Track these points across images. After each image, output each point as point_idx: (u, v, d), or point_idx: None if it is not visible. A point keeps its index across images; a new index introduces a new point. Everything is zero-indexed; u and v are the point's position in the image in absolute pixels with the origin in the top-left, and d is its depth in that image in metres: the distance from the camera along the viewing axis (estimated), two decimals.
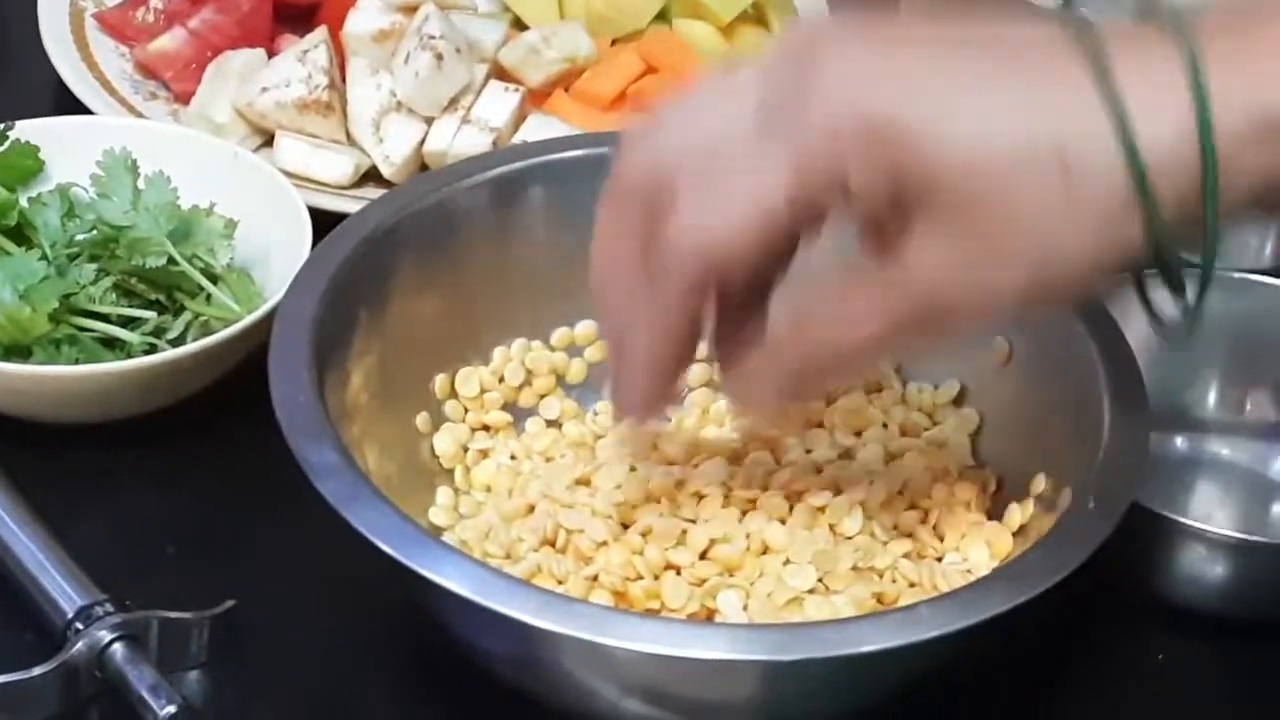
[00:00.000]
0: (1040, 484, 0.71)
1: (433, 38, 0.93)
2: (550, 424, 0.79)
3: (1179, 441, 0.81)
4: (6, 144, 0.84)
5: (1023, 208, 0.56)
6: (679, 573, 0.68)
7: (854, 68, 0.57)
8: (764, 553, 0.69)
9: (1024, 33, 0.58)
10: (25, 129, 0.85)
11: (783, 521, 0.71)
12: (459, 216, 0.77)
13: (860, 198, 0.57)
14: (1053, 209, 0.56)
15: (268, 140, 0.94)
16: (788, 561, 0.69)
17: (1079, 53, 0.56)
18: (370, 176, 0.94)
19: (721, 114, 0.59)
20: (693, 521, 0.70)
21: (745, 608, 0.67)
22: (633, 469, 0.72)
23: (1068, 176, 0.55)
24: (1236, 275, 0.80)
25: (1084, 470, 0.67)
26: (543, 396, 0.79)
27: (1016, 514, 0.71)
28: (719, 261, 0.59)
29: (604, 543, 0.69)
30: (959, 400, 0.77)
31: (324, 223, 0.81)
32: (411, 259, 0.75)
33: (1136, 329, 0.70)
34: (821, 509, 0.71)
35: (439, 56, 0.93)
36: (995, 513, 0.73)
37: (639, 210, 0.60)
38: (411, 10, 0.96)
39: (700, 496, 0.71)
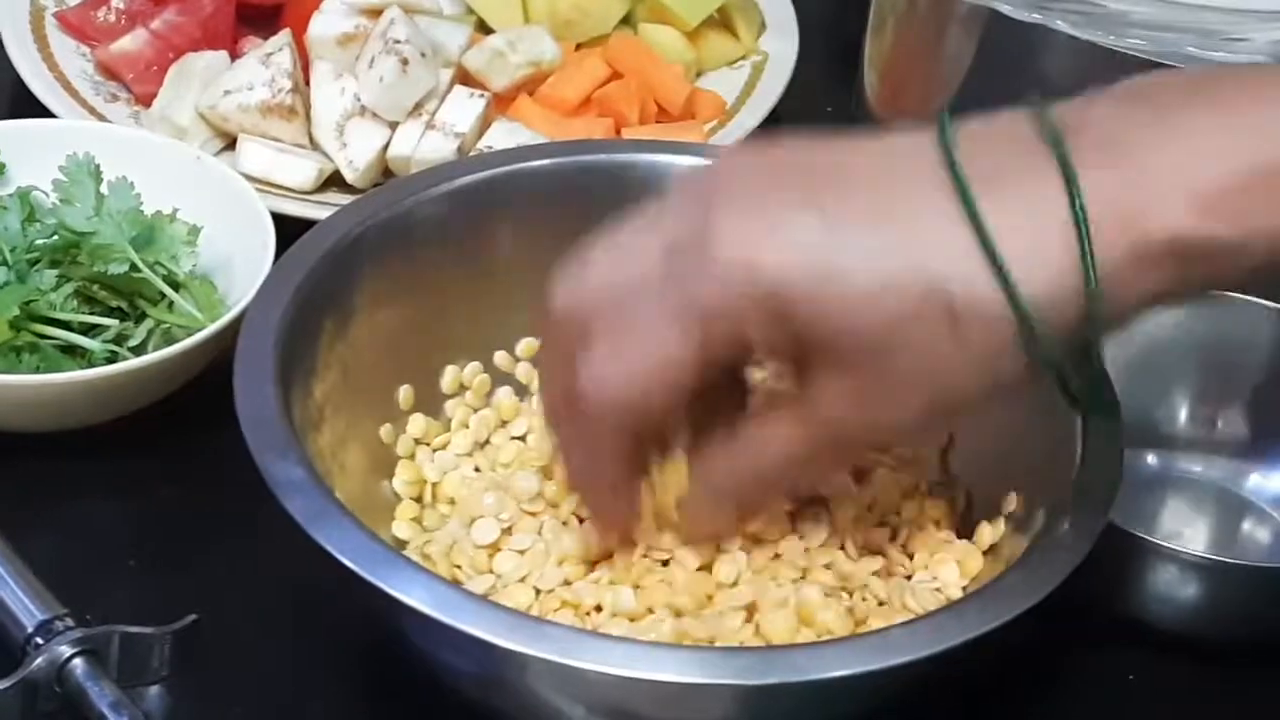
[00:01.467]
0: (1012, 502, 0.70)
1: (398, 42, 0.92)
2: (516, 437, 0.78)
3: (1150, 458, 0.80)
4: None
5: (913, 355, 0.58)
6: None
7: (739, 225, 0.59)
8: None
9: (894, 150, 0.60)
10: None
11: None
12: (425, 225, 0.76)
13: (761, 352, 0.61)
14: (942, 352, 0.58)
15: (230, 144, 0.93)
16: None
17: (947, 180, 0.58)
18: (333, 181, 0.93)
19: (637, 256, 0.61)
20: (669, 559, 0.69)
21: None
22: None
23: (954, 322, 0.57)
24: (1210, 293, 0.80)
25: (1057, 489, 0.66)
26: (507, 411, 0.78)
27: (987, 533, 0.70)
28: (627, 409, 0.62)
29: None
30: None
31: (287, 228, 0.80)
32: (377, 268, 0.74)
33: (1116, 339, 0.70)
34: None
35: (404, 61, 0.92)
36: (965, 531, 0.72)
37: (564, 346, 0.63)
38: (376, 14, 0.95)
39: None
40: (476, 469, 0.76)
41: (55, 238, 0.80)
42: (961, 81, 0.88)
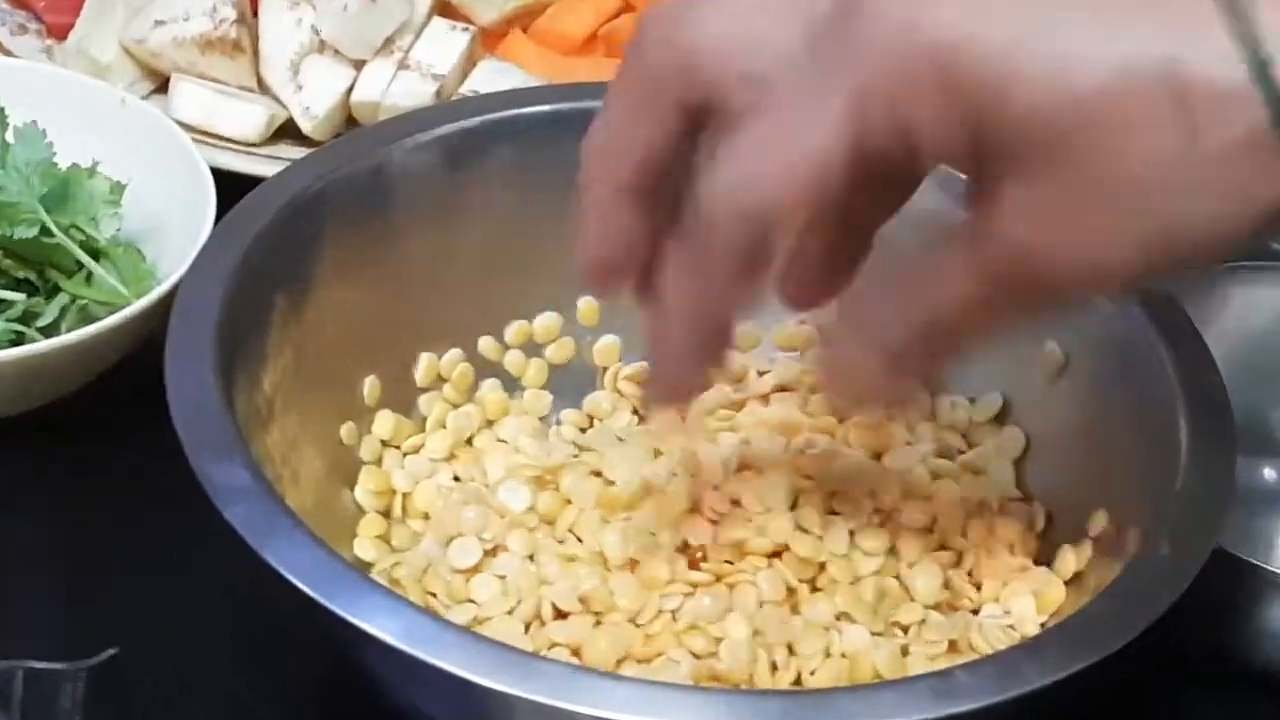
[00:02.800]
0: (1100, 522, 0.71)
1: None
2: (502, 440, 0.79)
3: (1267, 472, 0.81)
4: None
5: (1126, 155, 0.53)
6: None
7: None
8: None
9: None
10: None
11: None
12: (397, 184, 0.78)
13: (931, 152, 0.56)
14: (1165, 157, 0.53)
15: (161, 85, 0.95)
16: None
17: None
18: (286, 132, 0.94)
19: (768, 16, 0.58)
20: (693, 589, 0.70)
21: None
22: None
23: (1186, 111, 0.52)
24: None
25: (1154, 507, 0.67)
26: (493, 409, 0.80)
27: (1070, 558, 0.71)
28: (760, 220, 0.57)
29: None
30: (1001, 418, 0.78)
31: (230, 186, 0.81)
32: (339, 234, 0.76)
33: (1220, 332, 0.71)
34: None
35: None
36: (1044, 556, 0.73)
37: (668, 97, 0.60)
38: None
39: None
40: (455, 478, 0.77)
41: None
42: None
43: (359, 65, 0.94)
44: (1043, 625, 0.70)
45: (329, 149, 0.81)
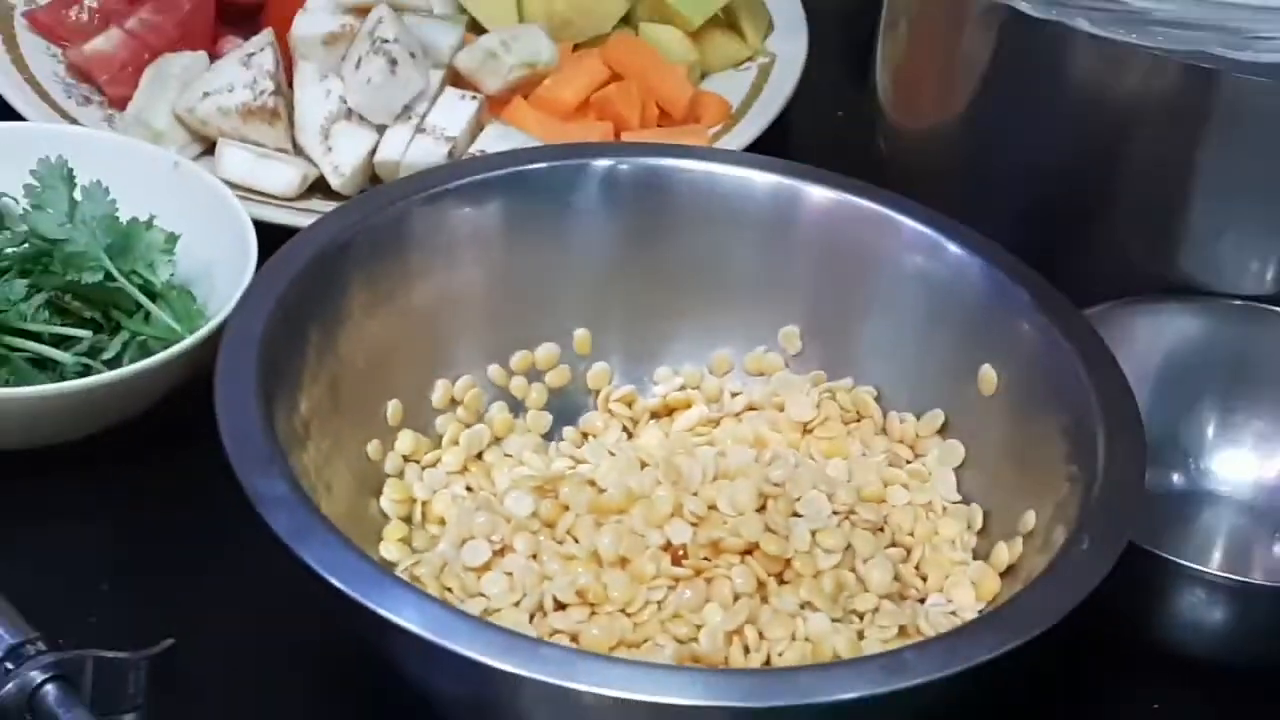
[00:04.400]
0: (1029, 521, 0.71)
1: (386, 41, 0.94)
2: (509, 455, 0.79)
3: (1173, 476, 0.82)
4: None
5: None
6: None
7: None
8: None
9: None
10: None
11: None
12: (415, 232, 0.78)
13: None
14: None
15: (208, 148, 0.95)
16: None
17: None
18: (317, 188, 0.94)
19: None
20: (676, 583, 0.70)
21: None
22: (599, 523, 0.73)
23: None
24: (1237, 302, 0.81)
25: (1077, 508, 0.67)
26: (500, 427, 0.80)
27: (1004, 553, 0.72)
28: None
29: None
30: (943, 431, 0.78)
31: (269, 236, 0.82)
32: (364, 277, 0.76)
33: (1132, 356, 0.71)
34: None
35: (393, 61, 0.93)
36: (982, 551, 0.73)
37: None
38: (363, 12, 0.96)
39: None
40: (468, 488, 0.77)
41: (26, 246, 0.81)
42: (978, 82, 0.89)
43: (381, 129, 0.94)
44: (981, 612, 0.71)
45: (355, 203, 0.81)
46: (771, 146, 0.98)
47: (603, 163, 0.80)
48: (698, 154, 0.83)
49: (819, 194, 0.79)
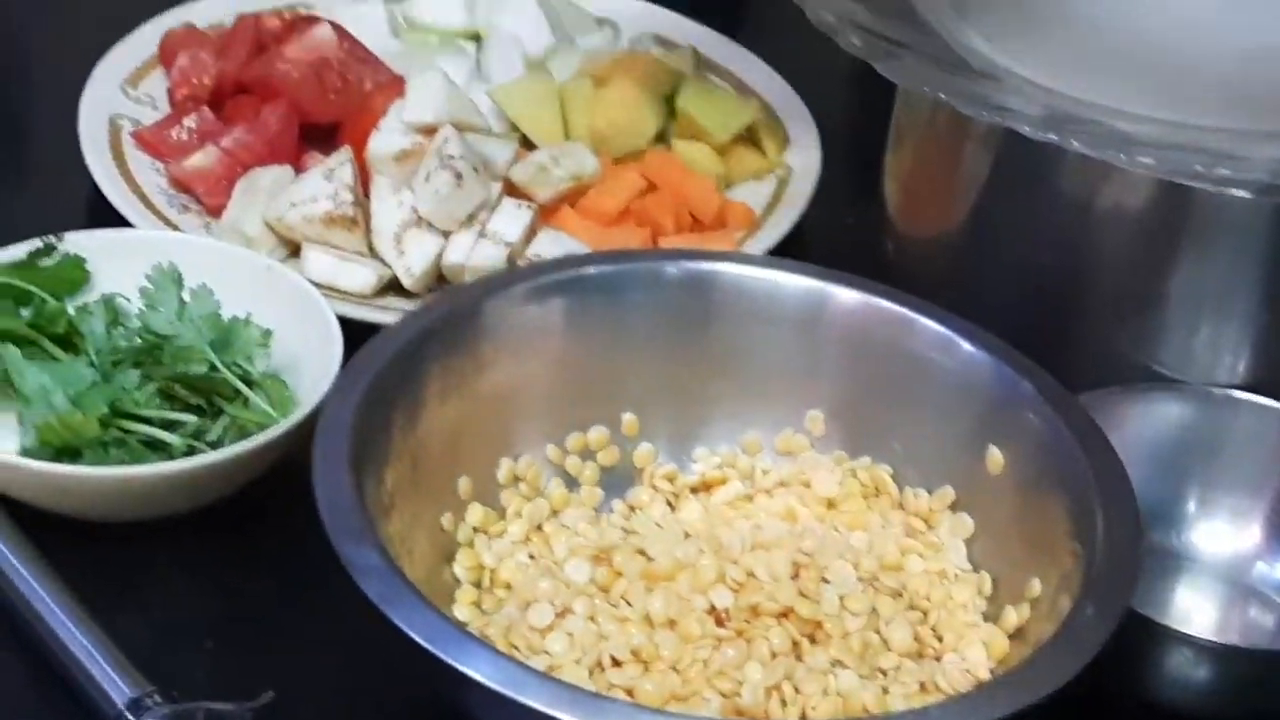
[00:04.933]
0: (1035, 588, 0.72)
1: (452, 158, 0.94)
2: (566, 526, 0.79)
3: (1161, 544, 0.82)
4: (57, 256, 0.84)
5: None
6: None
7: None
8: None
9: None
10: (72, 241, 0.86)
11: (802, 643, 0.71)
12: (486, 328, 0.78)
13: None
14: None
15: (294, 251, 0.95)
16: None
17: None
18: (391, 287, 0.94)
19: None
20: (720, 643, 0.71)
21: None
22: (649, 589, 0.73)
23: None
24: (1216, 390, 0.82)
25: (1080, 578, 0.67)
26: (558, 501, 0.80)
27: (1013, 616, 0.72)
28: None
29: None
30: (955, 506, 0.78)
31: (349, 329, 0.83)
32: (440, 368, 0.76)
33: (1124, 439, 0.72)
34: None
35: (458, 175, 0.94)
36: (992, 615, 0.73)
37: None
38: (430, 132, 0.97)
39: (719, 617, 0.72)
40: (530, 555, 0.77)
41: (139, 340, 0.82)
42: (978, 195, 0.90)
43: (447, 235, 0.95)
44: (992, 670, 0.71)
45: (433, 302, 0.81)
46: (790, 249, 0.99)
47: (653, 266, 0.81)
48: (737, 259, 0.84)
49: (845, 295, 0.79)
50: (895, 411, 0.80)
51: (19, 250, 0.84)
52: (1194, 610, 0.79)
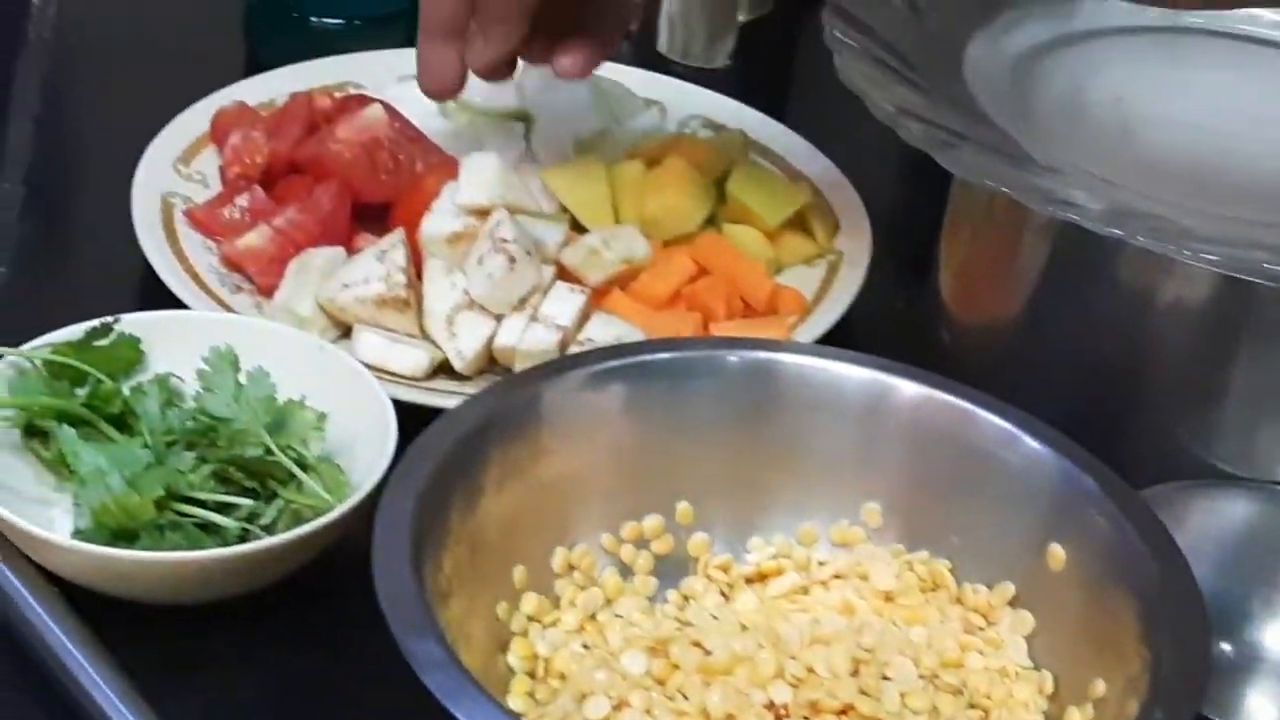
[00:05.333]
0: (1099, 689, 0.72)
1: (505, 241, 0.95)
2: (620, 616, 0.80)
3: (1223, 645, 0.81)
4: (112, 336, 0.85)
5: None
6: None
7: None
8: None
9: None
10: (127, 322, 0.87)
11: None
12: (545, 415, 0.79)
13: None
14: None
15: (345, 332, 0.96)
16: None
17: None
18: (442, 369, 0.95)
19: None
20: None
21: None
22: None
23: None
24: (1278, 487, 0.82)
25: (1148, 680, 0.67)
26: (612, 591, 0.80)
27: (1076, 717, 0.72)
28: None
29: None
30: (1014, 602, 0.78)
31: (398, 411, 0.83)
32: (500, 454, 0.77)
33: (1189, 537, 0.72)
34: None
35: (511, 259, 0.95)
36: (1054, 715, 0.74)
37: None
38: (483, 214, 0.98)
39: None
40: (585, 645, 0.78)
41: (193, 422, 0.83)
42: (1036, 284, 0.91)
43: (499, 318, 0.96)
44: None
45: (493, 389, 0.81)
46: (841, 334, 1.00)
47: (713, 354, 0.82)
48: (797, 348, 0.84)
49: (907, 387, 0.80)
50: (954, 505, 0.80)
51: (76, 330, 0.85)
52: (1261, 713, 0.79)
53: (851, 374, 0.81)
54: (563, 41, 0.97)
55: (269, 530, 0.81)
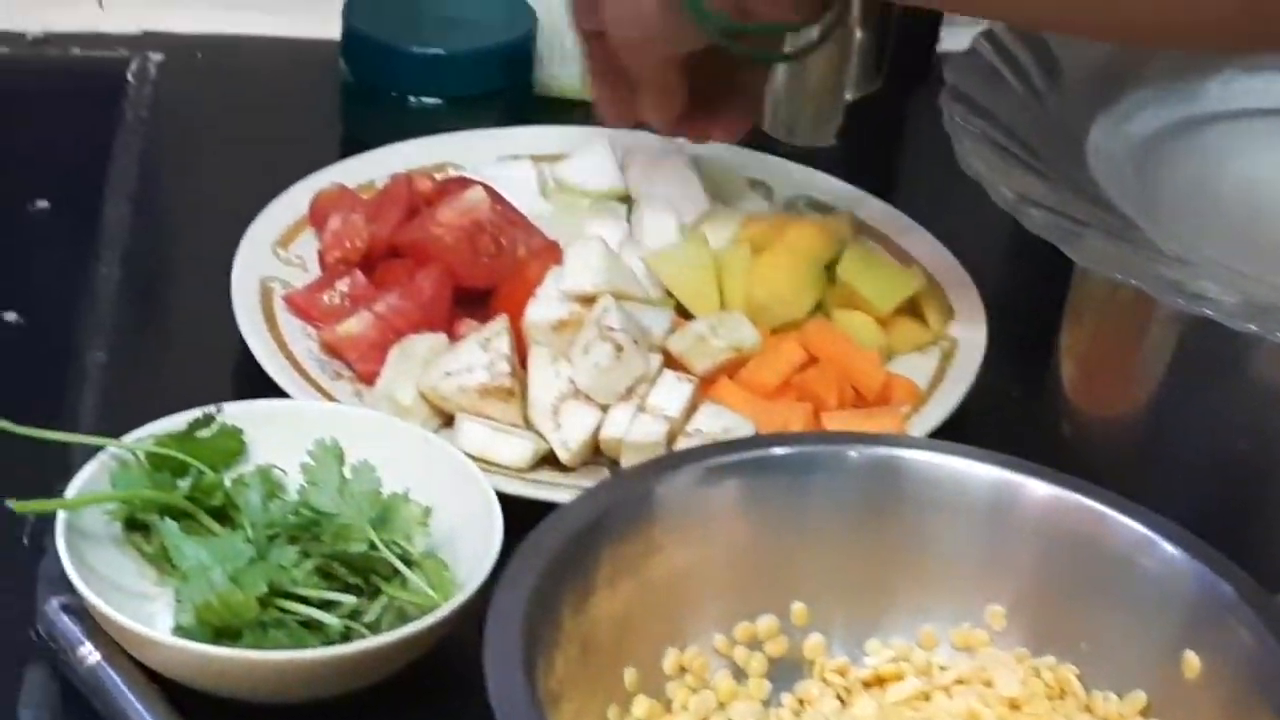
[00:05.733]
0: None
1: (612, 329, 0.95)
2: None
3: None
4: (214, 427, 0.85)
5: None
6: None
7: None
8: None
9: None
10: (229, 412, 0.87)
11: None
12: (659, 511, 0.78)
13: None
14: None
15: (447, 422, 0.95)
16: None
17: None
18: (546, 460, 0.94)
19: None
20: None
21: None
22: None
23: None
24: None
25: None
26: (724, 694, 0.79)
27: None
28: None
29: None
30: (1146, 712, 0.77)
31: (501, 503, 0.83)
32: (613, 551, 0.76)
33: None
34: None
35: (619, 348, 0.94)
36: None
37: None
38: (588, 300, 0.97)
39: None
40: None
41: (295, 515, 0.82)
42: (1163, 377, 0.90)
43: (605, 408, 0.95)
44: None
45: (605, 484, 0.81)
46: (956, 425, 0.98)
47: (834, 450, 0.81)
48: (921, 445, 0.83)
49: (1036, 488, 0.79)
50: (1083, 609, 0.78)
51: (178, 421, 0.85)
52: None
53: (977, 472, 0.80)
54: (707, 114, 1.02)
55: (373, 628, 0.80)
